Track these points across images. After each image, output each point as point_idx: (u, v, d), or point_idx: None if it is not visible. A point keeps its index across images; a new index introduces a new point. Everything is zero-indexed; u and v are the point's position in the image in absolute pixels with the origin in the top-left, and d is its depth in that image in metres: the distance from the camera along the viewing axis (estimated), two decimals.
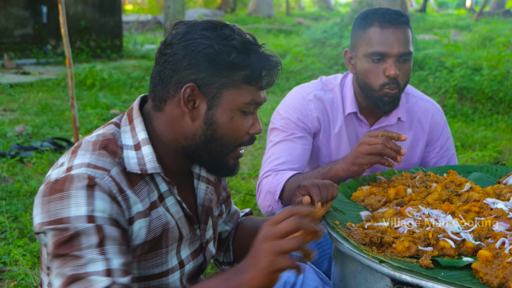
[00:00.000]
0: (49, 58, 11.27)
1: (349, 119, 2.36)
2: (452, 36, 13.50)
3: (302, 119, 2.31)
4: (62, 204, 1.30)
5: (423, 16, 19.80)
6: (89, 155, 1.37)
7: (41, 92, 8.12)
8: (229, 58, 1.38)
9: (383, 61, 2.19)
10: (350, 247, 1.50)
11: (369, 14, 2.24)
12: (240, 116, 1.44)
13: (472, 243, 1.49)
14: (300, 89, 2.40)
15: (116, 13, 12.58)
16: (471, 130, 6.42)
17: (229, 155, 1.48)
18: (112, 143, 1.41)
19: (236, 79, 1.41)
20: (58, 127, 6.23)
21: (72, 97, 5.25)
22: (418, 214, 1.65)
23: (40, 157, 4.97)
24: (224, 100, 1.42)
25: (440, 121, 2.47)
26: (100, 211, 1.30)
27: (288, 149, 2.27)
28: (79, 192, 1.30)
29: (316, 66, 9.36)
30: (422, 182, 1.96)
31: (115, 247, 1.29)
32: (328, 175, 2.07)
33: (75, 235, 1.27)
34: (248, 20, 18.91)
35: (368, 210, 1.80)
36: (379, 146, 1.95)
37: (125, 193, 1.37)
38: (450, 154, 2.52)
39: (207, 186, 1.62)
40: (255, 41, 1.45)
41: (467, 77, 7.74)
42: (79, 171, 1.32)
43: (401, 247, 1.47)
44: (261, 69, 1.41)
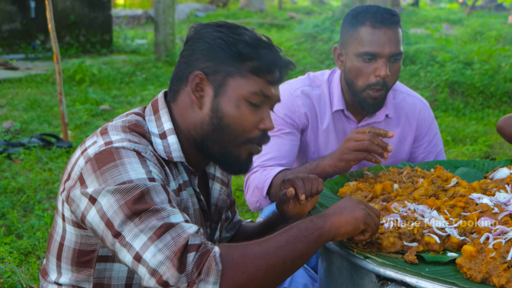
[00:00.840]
0: (38, 53, 11.20)
1: (337, 115, 2.37)
2: (444, 30, 13.54)
3: (289, 115, 2.31)
4: (119, 170, 1.29)
5: (415, 10, 19.84)
6: (123, 134, 1.39)
7: (30, 88, 8.08)
8: (238, 48, 1.43)
9: (374, 61, 2.19)
10: (336, 243, 1.50)
11: (361, 13, 2.23)
12: (247, 106, 1.45)
13: (457, 238, 1.51)
14: (287, 85, 2.40)
15: (105, 8, 12.52)
16: (462, 124, 6.45)
17: (239, 148, 1.48)
18: (138, 127, 1.44)
19: (244, 68, 1.44)
20: (47, 123, 6.21)
21: (60, 93, 5.24)
22: (404, 210, 1.66)
23: (28, 154, 4.95)
24: (230, 88, 1.45)
25: (428, 117, 2.49)
26: (157, 175, 1.33)
27: (275, 145, 2.27)
28: (132, 159, 1.32)
29: (307, 60, 9.37)
30: (409, 178, 1.97)
31: (174, 204, 1.32)
32: (316, 171, 2.08)
33: (146, 192, 1.27)
34: (240, 14, 18.88)
35: None
36: (365, 142, 1.96)
37: (165, 168, 1.42)
38: (438, 150, 2.53)
39: (221, 187, 1.66)
40: (269, 41, 1.49)
41: (458, 71, 7.77)
42: (123, 144, 1.34)
43: (386, 243, 1.48)
44: (270, 62, 1.45)
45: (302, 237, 1.31)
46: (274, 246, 1.28)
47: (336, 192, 1.92)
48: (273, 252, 1.27)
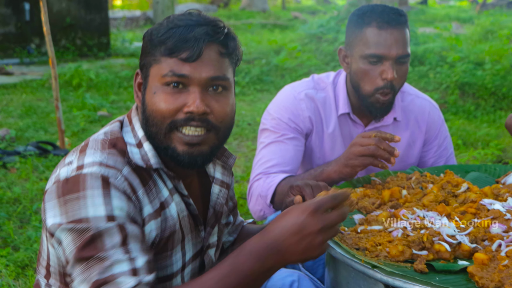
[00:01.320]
0: (33, 58, 11.25)
1: (343, 119, 2.37)
2: (454, 29, 13.54)
3: (293, 119, 2.32)
4: (79, 204, 1.31)
5: (423, 9, 19.86)
6: (99, 154, 1.39)
7: (25, 94, 8.11)
8: (152, 36, 1.44)
9: (380, 64, 2.19)
10: (342, 252, 1.51)
11: (366, 13, 2.23)
12: (165, 91, 1.41)
13: (468, 246, 1.51)
14: (291, 88, 2.41)
15: (102, 9, 12.56)
16: (473, 127, 6.44)
17: (169, 139, 1.44)
18: (120, 142, 1.45)
19: (158, 54, 1.43)
20: (43, 130, 6.23)
21: (56, 99, 5.26)
22: (412, 217, 1.67)
23: (24, 162, 4.97)
24: (150, 78, 1.45)
25: (437, 120, 2.49)
26: (119, 209, 1.32)
27: (279, 151, 2.28)
28: (95, 191, 1.32)
29: (312, 62, 9.38)
30: (418, 183, 1.98)
31: (137, 244, 1.32)
32: (320, 177, 2.09)
33: (97, 236, 1.28)
34: (241, 15, 18.93)
35: (362, 213, 1.82)
36: (371, 147, 1.97)
37: (137, 194, 1.40)
38: (448, 154, 2.54)
39: (220, 189, 1.65)
40: (189, 17, 1.44)
41: (469, 72, 7.77)
42: (92, 170, 1.35)
43: (395, 251, 1.48)
44: (179, 39, 1.40)
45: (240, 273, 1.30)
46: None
47: None
48: None
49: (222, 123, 1.46)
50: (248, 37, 13.10)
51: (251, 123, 6.58)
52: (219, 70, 1.43)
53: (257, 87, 8.76)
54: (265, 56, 10.37)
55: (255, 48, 11.18)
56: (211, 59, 1.42)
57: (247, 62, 9.99)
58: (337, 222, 1.30)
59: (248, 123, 6.58)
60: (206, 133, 1.44)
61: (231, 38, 1.47)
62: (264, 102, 7.73)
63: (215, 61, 1.43)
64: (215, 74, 1.42)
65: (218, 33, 1.43)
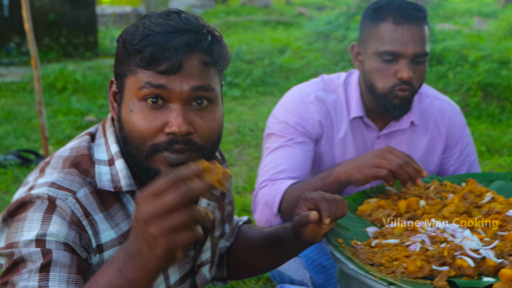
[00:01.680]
0: (13, 58, 11.29)
1: (355, 123, 2.38)
2: (476, 25, 13.58)
3: (301, 123, 2.33)
4: (17, 227, 1.34)
5: (440, 3, 19.91)
6: (56, 174, 1.41)
7: (4, 98, 8.14)
8: (126, 43, 1.39)
9: (395, 62, 2.21)
10: (355, 268, 1.52)
11: (382, 7, 2.25)
12: (143, 108, 1.38)
13: (493, 261, 1.52)
14: (299, 89, 2.43)
15: (89, 5, 12.62)
16: (498, 132, 6.45)
17: (151, 160, 1.40)
18: (85, 160, 1.45)
19: (133, 64, 1.38)
20: (25, 137, 6.25)
21: (39, 103, 5.28)
22: (432, 229, 1.68)
23: (3, 173, 4.99)
24: (126, 90, 1.42)
25: (459, 123, 2.50)
26: (53, 236, 1.32)
27: (287, 155, 2.29)
28: (36, 215, 1.34)
29: (320, 62, 9.41)
30: (437, 193, 1.99)
31: (62, 274, 1.30)
32: (328, 179, 2.09)
33: (19, 261, 1.31)
34: (242, 11, 18.99)
35: (376, 225, 1.83)
36: (394, 163, 1.95)
37: (92, 218, 1.39)
38: (471, 161, 2.54)
39: (208, 203, 1.64)
40: (168, 21, 1.38)
41: (492, 72, 7.78)
42: (39, 191, 1.36)
43: (413, 267, 1.49)
44: (157, 48, 1.35)
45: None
46: None
47: (354, 211, 1.94)
48: None
49: (207, 141, 1.43)
50: (249, 35, 13.15)
51: (254, 129, 6.60)
52: (202, 80, 1.39)
53: (259, 90, 8.78)
54: (268, 56, 10.40)
55: (257, 48, 11.21)
56: (193, 69, 1.38)
57: (249, 62, 10.02)
58: (174, 204, 1.10)
59: (250, 129, 6.59)
60: (190, 154, 1.40)
61: (216, 44, 1.42)
62: (267, 106, 7.75)
63: (198, 71, 1.38)
64: (198, 84, 1.38)
65: (200, 42, 1.38)
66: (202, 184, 1.11)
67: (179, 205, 1.10)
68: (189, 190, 1.10)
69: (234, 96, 8.42)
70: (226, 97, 8.45)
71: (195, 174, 1.12)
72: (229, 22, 15.75)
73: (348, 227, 1.80)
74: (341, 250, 1.61)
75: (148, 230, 1.11)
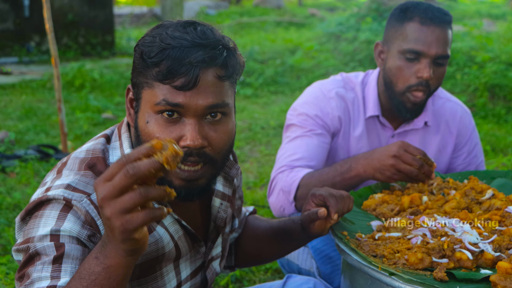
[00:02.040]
0: (33, 56, 11.38)
1: (371, 122, 2.43)
2: (485, 27, 13.50)
3: (321, 116, 2.38)
4: (34, 224, 1.38)
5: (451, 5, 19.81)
6: (72, 176, 1.45)
7: (25, 95, 8.23)
8: (144, 55, 1.39)
9: (417, 61, 2.25)
10: (359, 259, 1.57)
11: (410, 8, 2.30)
12: (159, 121, 1.40)
13: (491, 255, 1.56)
14: (320, 85, 2.47)
15: (107, 5, 12.69)
16: (503, 132, 6.45)
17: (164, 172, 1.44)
18: (100, 162, 1.49)
19: (150, 77, 1.39)
20: (44, 133, 6.32)
21: (59, 100, 5.36)
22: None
23: (24, 167, 5.06)
24: (143, 101, 1.42)
25: (469, 125, 2.54)
26: (67, 231, 1.36)
27: (305, 145, 2.34)
28: (52, 213, 1.38)
29: (330, 63, 9.42)
30: (439, 189, 2.03)
31: (74, 266, 1.34)
32: (348, 174, 2.14)
33: (34, 255, 1.35)
34: (255, 11, 19.00)
35: (380, 219, 1.87)
36: (415, 172, 2.00)
37: None
38: (478, 162, 2.58)
39: (221, 203, 1.67)
40: (185, 35, 1.38)
41: (500, 73, 7.76)
42: (55, 193, 1.40)
43: (414, 259, 1.53)
44: (173, 64, 1.36)
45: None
46: None
47: (360, 205, 1.98)
48: None
49: (219, 154, 1.45)
50: (262, 36, 13.17)
51: (265, 126, 6.63)
52: (217, 97, 1.40)
53: (271, 89, 8.81)
54: (280, 56, 10.42)
55: (269, 48, 11.24)
56: (209, 85, 1.38)
57: (261, 62, 10.06)
58: (122, 185, 1.10)
59: (261, 127, 6.63)
60: (203, 167, 1.43)
61: (230, 57, 1.42)
62: (278, 104, 7.78)
63: (213, 87, 1.39)
64: (213, 102, 1.39)
65: (216, 58, 1.38)
66: (148, 163, 1.09)
67: (128, 185, 1.10)
68: (134, 168, 1.09)
69: (246, 95, 8.46)
70: (239, 95, 8.49)
71: (144, 154, 1.11)
72: (243, 22, 15.77)
73: (353, 221, 1.84)
74: (346, 242, 1.65)
75: (103, 213, 1.13)
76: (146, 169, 1.09)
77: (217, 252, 1.71)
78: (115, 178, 1.10)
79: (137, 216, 1.11)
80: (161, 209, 1.14)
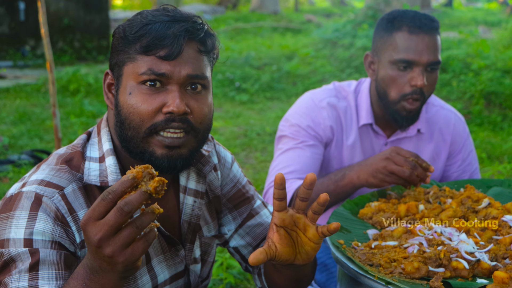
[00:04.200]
0: (28, 60, 11.38)
1: (364, 130, 2.42)
2: (481, 34, 13.56)
3: (313, 127, 2.37)
4: (5, 224, 1.38)
5: (447, 12, 19.90)
6: (47, 171, 1.45)
7: (19, 99, 8.22)
8: (126, 33, 1.45)
9: (409, 70, 2.25)
10: (355, 268, 1.56)
11: (397, 17, 2.30)
12: (141, 91, 1.43)
13: (487, 264, 1.55)
14: (312, 94, 2.47)
15: (103, 10, 12.70)
16: (499, 139, 6.47)
17: (147, 142, 1.45)
18: (77, 157, 1.50)
19: (132, 52, 1.44)
20: (38, 138, 6.32)
21: (53, 105, 5.35)
22: (429, 233, 1.71)
23: (17, 172, 5.04)
24: (124, 77, 1.46)
25: (462, 133, 2.54)
26: (40, 234, 1.36)
27: (297, 157, 2.33)
28: (22, 212, 1.38)
29: (326, 69, 9.45)
30: (436, 198, 2.02)
31: (51, 272, 1.34)
32: (342, 182, 2.14)
33: (9, 262, 1.34)
34: (251, 17, 19.05)
35: (376, 228, 1.87)
36: (407, 172, 2.00)
37: (75, 214, 1.43)
38: (473, 169, 2.58)
39: (194, 200, 1.65)
40: (165, 12, 1.46)
41: (495, 80, 7.80)
42: (28, 188, 1.41)
43: (410, 268, 1.53)
44: (157, 35, 1.41)
45: None
46: None
47: (356, 214, 1.97)
48: None
49: (201, 124, 1.48)
50: (258, 42, 13.20)
51: (260, 133, 6.64)
52: (198, 68, 1.46)
53: (267, 95, 8.82)
54: (276, 62, 10.45)
55: (265, 53, 11.26)
56: (190, 57, 1.45)
57: (257, 68, 10.07)
58: (117, 223, 1.13)
59: (257, 133, 6.63)
60: (185, 135, 1.45)
61: (209, 35, 1.50)
62: (274, 110, 7.79)
63: (194, 59, 1.45)
64: (194, 72, 1.45)
65: (198, 30, 1.45)
66: (139, 197, 1.12)
67: (123, 222, 1.13)
68: (128, 205, 1.11)
69: (242, 101, 8.47)
70: (234, 101, 8.50)
71: (129, 187, 1.13)
72: (239, 28, 15.79)
73: (349, 229, 1.84)
74: (342, 251, 1.65)
75: (103, 252, 1.15)
76: (138, 203, 1.12)
77: (197, 255, 1.68)
78: (108, 217, 1.12)
79: (138, 247, 1.15)
80: (153, 231, 1.17)
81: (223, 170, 1.76)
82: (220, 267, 3.31)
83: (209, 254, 1.75)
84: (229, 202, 1.76)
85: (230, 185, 1.77)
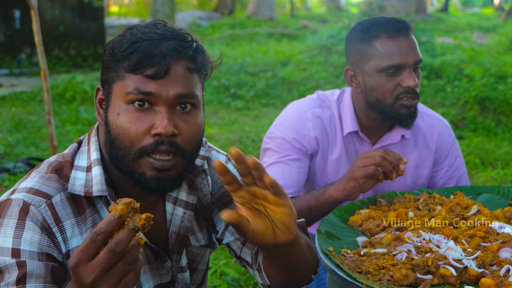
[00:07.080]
0: (24, 68, 11.39)
1: (349, 138, 2.44)
2: (476, 39, 13.63)
3: (298, 139, 2.38)
4: None
5: (440, 17, 19.97)
6: (37, 179, 1.46)
7: (15, 107, 8.23)
8: (115, 50, 1.43)
9: (398, 74, 2.28)
10: (344, 275, 1.58)
11: (371, 26, 2.32)
12: (130, 111, 1.41)
13: (475, 271, 1.57)
14: (296, 105, 2.48)
15: (98, 17, 12.73)
16: (493, 145, 6.49)
17: (137, 163, 1.44)
18: (67, 166, 1.50)
19: (121, 70, 1.42)
20: (34, 146, 6.32)
21: (48, 113, 5.36)
22: (418, 240, 1.73)
23: (13, 180, 5.05)
24: (113, 95, 1.45)
25: (448, 138, 2.56)
26: (28, 244, 1.37)
27: (281, 172, 2.34)
28: (10, 221, 1.39)
29: (321, 75, 9.48)
30: (425, 205, 2.04)
31: (38, 285, 1.34)
32: (323, 197, 2.16)
33: None
34: (247, 23, 19.10)
35: (366, 235, 1.89)
36: (377, 157, 2.05)
37: (61, 225, 1.44)
38: (460, 174, 2.60)
39: (184, 212, 1.65)
40: (154, 29, 1.43)
41: (489, 86, 7.83)
42: (17, 196, 1.42)
43: (399, 275, 1.54)
44: (144, 53, 1.39)
45: None
46: None
47: (346, 221, 1.99)
48: None
49: (189, 145, 1.46)
50: (254, 48, 13.23)
51: (255, 139, 6.66)
52: (187, 87, 1.43)
53: (262, 101, 8.85)
54: (271, 68, 10.48)
55: (260, 60, 11.30)
56: (179, 75, 1.42)
57: (252, 74, 10.10)
58: (109, 264, 1.14)
59: (252, 139, 6.65)
60: (174, 158, 1.43)
61: (199, 52, 1.46)
62: (269, 117, 7.81)
63: (183, 78, 1.42)
64: (183, 92, 1.42)
65: (186, 48, 1.42)
66: (128, 235, 1.14)
67: (115, 262, 1.14)
68: (119, 246, 1.13)
69: (238, 107, 8.49)
70: (230, 108, 8.52)
71: (115, 226, 1.14)
72: (235, 34, 15.84)
73: (339, 237, 1.86)
74: (331, 258, 1.66)
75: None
76: (128, 242, 1.14)
77: (183, 264, 1.68)
78: (100, 258, 1.13)
79: (129, 280, 1.17)
80: (139, 260, 1.18)
81: (214, 174, 1.75)
82: (214, 275, 3.32)
83: (198, 262, 1.75)
84: (218, 201, 1.75)
85: (219, 185, 1.75)
